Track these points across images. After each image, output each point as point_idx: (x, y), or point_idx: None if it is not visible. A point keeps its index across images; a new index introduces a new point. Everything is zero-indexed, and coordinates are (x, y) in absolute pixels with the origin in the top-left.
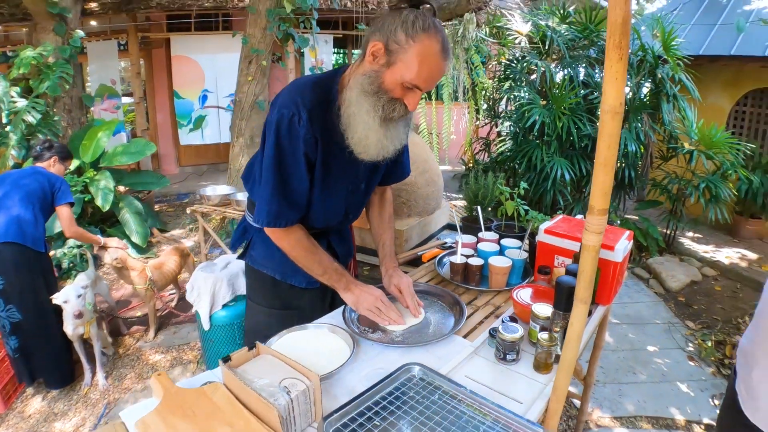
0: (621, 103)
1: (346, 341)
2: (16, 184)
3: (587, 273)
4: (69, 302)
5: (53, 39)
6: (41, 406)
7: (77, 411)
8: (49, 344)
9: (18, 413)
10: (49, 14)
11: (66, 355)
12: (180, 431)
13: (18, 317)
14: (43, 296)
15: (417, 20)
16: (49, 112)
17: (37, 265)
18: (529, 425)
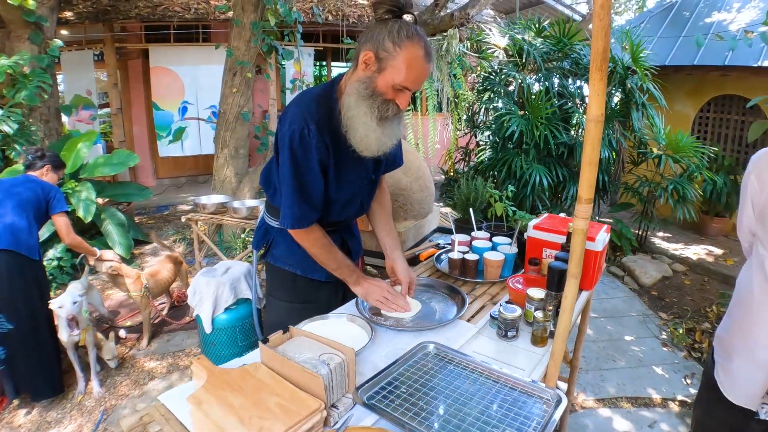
0: (602, 114)
1: (363, 328)
2: (9, 192)
3: (577, 252)
4: (64, 307)
5: (28, 48)
6: (32, 416)
7: (72, 418)
8: (40, 354)
9: (6, 424)
10: (24, 22)
11: (56, 365)
12: (232, 403)
13: (8, 326)
14: (36, 304)
15: (401, 29)
16: (24, 122)
17: (31, 272)
18: (533, 384)
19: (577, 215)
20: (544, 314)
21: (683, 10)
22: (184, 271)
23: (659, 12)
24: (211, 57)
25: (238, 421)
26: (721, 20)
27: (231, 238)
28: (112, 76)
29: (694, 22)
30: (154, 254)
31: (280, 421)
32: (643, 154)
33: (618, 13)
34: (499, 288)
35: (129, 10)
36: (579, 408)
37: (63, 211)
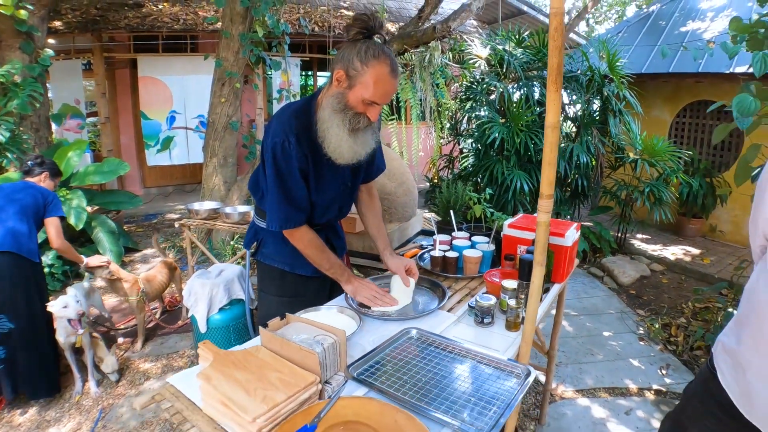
0: (558, 121)
1: (352, 317)
2: (11, 198)
3: (542, 242)
4: (69, 307)
5: (20, 57)
6: (31, 415)
7: (71, 417)
8: (38, 354)
9: (6, 422)
10: (16, 32)
11: (54, 365)
12: (237, 378)
13: (9, 327)
14: (35, 306)
15: (369, 50)
16: (16, 131)
17: (32, 275)
18: (507, 361)
19: (540, 209)
20: (516, 302)
21: (659, 19)
22: (178, 276)
23: (637, 21)
24: (199, 67)
25: (244, 392)
26: (696, 29)
27: (220, 245)
28: (101, 86)
29: (670, 31)
30: (144, 261)
31: (282, 391)
32: (621, 158)
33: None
34: (478, 282)
35: (118, 20)
36: (558, 398)
37: (58, 215)
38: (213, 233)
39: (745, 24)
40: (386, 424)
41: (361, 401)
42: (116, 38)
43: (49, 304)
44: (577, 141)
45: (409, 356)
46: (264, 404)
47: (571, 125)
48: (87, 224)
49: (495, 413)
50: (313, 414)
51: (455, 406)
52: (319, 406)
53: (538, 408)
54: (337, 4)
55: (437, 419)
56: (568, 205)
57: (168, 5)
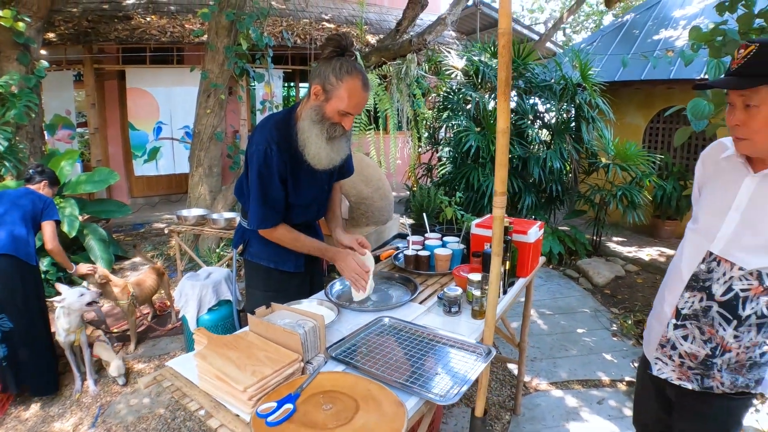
0: (508, 126)
1: (331, 309)
2: (16, 203)
3: (497, 235)
4: (84, 294)
5: (16, 68)
6: (35, 410)
7: (73, 413)
8: (38, 353)
9: (15, 417)
10: (13, 43)
11: (53, 364)
12: (229, 357)
13: (9, 326)
14: (33, 307)
15: (342, 66)
16: (12, 140)
17: (30, 276)
18: (472, 343)
19: (495, 205)
20: (481, 292)
21: (633, 28)
22: (166, 281)
23: (611, 30)
24: (185, 79)
25: (235, 367)
26: (668, 37)
27: (207, 252)
28: (90, 96)
29: (643, 40)
30: (133, 269)
31: (269, 367)
32: (594, 164)
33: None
34: (448, 279)
35: (108, 32)
36: (533, 390)
37: (54, 219)
38: (200, 241)
39: (704, 32)
40: (360, 392)
41: (339, 375)
42: (106, 50)
43: (57, 299)
44: (552, 148)
45: (382, 340)
46: (254, 377)
47: (546, 133)
48: (79, 232)
49: (458, 383)
50: (296, 385)
51: (422, 379)
52: (301, 379)
53: (513, 400)
54: (319, 17)
55: (406, 389)
56: (544, 210)
57: (156, 18)
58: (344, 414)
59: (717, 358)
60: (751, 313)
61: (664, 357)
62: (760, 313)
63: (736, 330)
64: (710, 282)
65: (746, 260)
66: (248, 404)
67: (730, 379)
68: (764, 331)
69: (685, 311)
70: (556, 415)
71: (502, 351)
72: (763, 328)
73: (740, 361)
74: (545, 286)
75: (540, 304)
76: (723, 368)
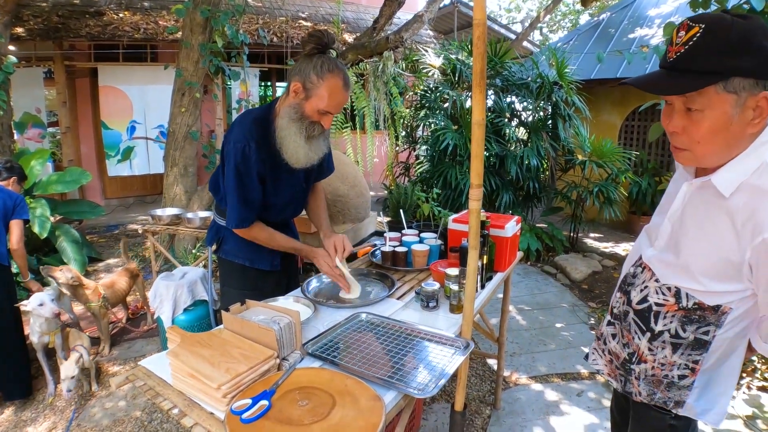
0: (483, 118)
1: (308, 306)
2: None
3: (473, 227)
4: (44, 305)
5: None
6: (7, 415)
7: (46, 417)
8: (12, 356)
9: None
10: None
11: (27, 367)
12: (202, 355)
13: None
14: (5, 308)
15: (324, 64)
16: None
17: (1, 277)
18: (450, 336)
19: (471, 198)
20: (459, 287)
21: (609, 27)
22: (140, 282)
23: (587, 29)
24: (159, 77)
25: (209, 365)
26: (643, 35)
27: (183, 253)
28: (62, 94)
29: (619, 38)
30: (107, 271)
31: (243, 364)
32: (570, 161)
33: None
34: (426, 274)
35: (79, 28)
36: (513, 385)
37: (23, 218)
38: (175, 242)
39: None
40: (337, 387)
41: (315, 371)
42: (77, 47)
43: (22, 303)
44: (529, 145)
45: (359, 335)
46: (228, 374)
47: (523, 131)
48: (51, 233)
49: (436, 377)
50: (272, 382)
51: (400, 373)
52: (277, 375)
53: (493, 394)
54: (296, 15)
55: (383, 383)
56: (522, 208)
57: (129, 14)
58: (320, 410)
59: (634, 365)
60: (664, 329)
61: (599, 350)
62: (674, 332)
63: (649, 343)
64: (632, 287)
65: (664, 274)
66: (222, 402)
67: (647, 390)
68: (682, 353)
69: (615, 310)
70: (536, 408)
71: (481, 346)
72: (680, 349)
73: (656, 376)
74: (523, 283)
75: (518, 300)
76: (641, 377)
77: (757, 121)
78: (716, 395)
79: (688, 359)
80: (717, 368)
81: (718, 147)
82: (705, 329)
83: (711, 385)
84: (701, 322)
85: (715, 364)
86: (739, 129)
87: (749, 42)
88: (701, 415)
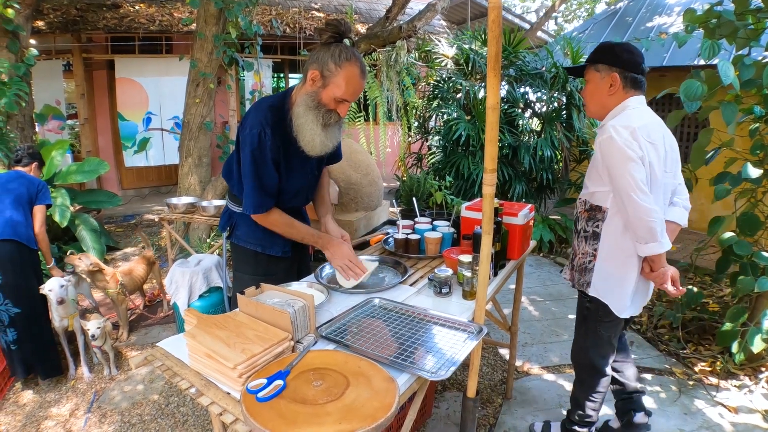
0: (497, 102)
1: (321, 291)
2: (6, 188)
3: (487, 213)
4: (53, 291)
5: (6, 56)
6: (33, 396)
7: (69, 399)
8: (41, 336)
9: (13, 402)
10: (3, 31)
11: (55, 348)
12: (219, 336)
13: (15, 311)
14: (35, 290)
15: (342, 52)
16: (3, 129)
17: (30, 261)
18: (463, 321)
19: (485, 183)
20: (471, 273)
21: (626, 15)
22: (157, 270)
23: (604, 18)
24: (173, 68)
25: (225, 345)
26: (662, 24)
27: (197, 242)
28: (80, 86)
29: (636, 27)
30: (125, 260)
31: (258, 345)
32: (585, 152)
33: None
34: (439, 262)
35: (96, 21)
36: (524, 374)
37: (46, 203)
38: (190, 231)
39: (699, 15)
40: (350, 369)
41: (329, 353)
42: (94, 39)
43: (41, 287)
44: (542, 136)
45: (372, 320)
46: (243, 354)
47: (537, 121)
48: (71, 222)
49: (449, 360)
50: (286, 363)
51: (413, 356)
52: (291, 357)
53: (505, 384)
54: (309, 6)
55: (397, 366)
56: (535, 199)
57: (144, 6)
58: (335, 390)
59: (574, 260)
60: (580, 228)
61: (568, 263)
62: (582, 228)
63: (576, 239)
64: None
65: (582, 193)
66: (238, 381)
67: (577, 276)
68: (590, 242)
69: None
70: (548, 398)
71: (493, 336)
72: (589, 240)
73: (582, 265)
74: (536, 274)
75: (531, 291)
76: (575, 268)
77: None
78: (614, 283)
79: (592, 248)
80: (610, 258)
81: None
82: (596, 223)
83: (607, 270)
84: (594, 219)
85: (609, 253)
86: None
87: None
88: (604, 296)
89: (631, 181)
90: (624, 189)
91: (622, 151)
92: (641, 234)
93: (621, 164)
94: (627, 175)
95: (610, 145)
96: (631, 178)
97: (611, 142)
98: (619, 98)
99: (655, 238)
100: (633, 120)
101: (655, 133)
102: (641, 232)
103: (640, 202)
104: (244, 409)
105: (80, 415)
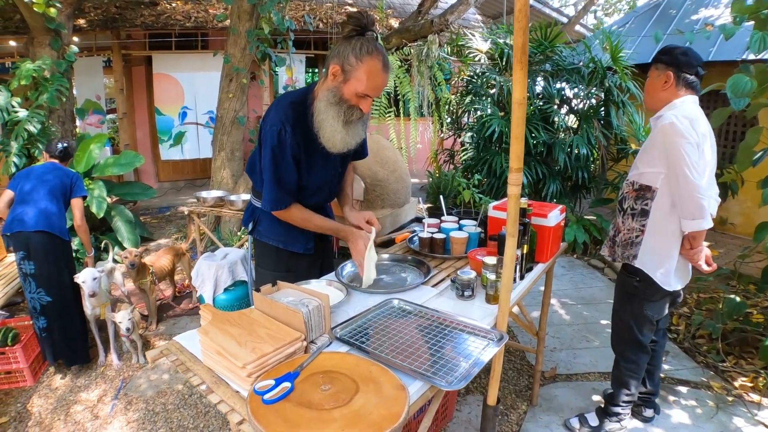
0: (524, 97)
1: (340, 290)
2: (42, 179)
3: (512, 214)
4: (86, 282)
5: (49, 53)
6: (65, 381)
7: (98, 384)
8: (72, 325)
9: (46, 386)
10: (45, 29)
11: (85, 336)
12: (231, 333)
13: (47, 299)
14: (66, 280)
15: (363, 46)
16: (45, 123)
17: (62, 252)
18: (484, 327)
19: (510, 182)
20: (496, 276)
21: (669, 8)
22: (186, 261)
23: (646, 11)
24: (208, 64)
25: (236, 343)
26: (708, 16)
27: (228, 235)
28: (119, 82)
29: (681, 20)
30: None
31: (269, 344)
32: (623, 150)
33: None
34: (464, 262)
35: (135, 18)
36: (551, 380)
37: (82, 195)
38: (221, 224)
39: (748, 5)
40: (361, 373)
41: (341, 355)
42: (133, 36)
43: (76, 276)
44: (579, 133)
45: (389, 322)
46: (253, 353)
47: (573, 118)
48: (107, 213)
49: (465, 369)
50: (297, 364)
51: (428, 363)
52: (302, 358)
53: (530, 389)
54: (342, 0)
55: (410, 372)
56: (569, 198)
57: (181, 3)
58: (342, 395)
59: (616, 236)
60: (627, 206)
61: (608, 241)
62: (629, 206)
63: (621, 217)
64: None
65: (630, 174)
66: (247, 381)
67: (620, 251)
68: (637, 219)
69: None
70: (574, 406)
71: (520, 340)
72: (637, 217)
73: (627, 240)
74: (568, 276)
75: (561, 293)
76: (617, 244)
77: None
78: (660, 258)
79: (640, 224)
80: (658, 233)
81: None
82: (645, 202)
83: (654, 246)
84: (643, 198)
85: (657, 229)
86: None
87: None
88: (650, 269)
89: (688, 161)
90: (681, 167)
91: (683, 135)
92: (691, 210)
93: (681, 146)
94: (685, 156)
95: (672, 129)
96: (688, 158)
97: (673, 127)
98: (672, 94)
99: (702, 215)
100: (689, 112)
101: (705, 126)
102: (692, 208)
103: (694, 180)
104: (249, 410)
105: (107, 401)
